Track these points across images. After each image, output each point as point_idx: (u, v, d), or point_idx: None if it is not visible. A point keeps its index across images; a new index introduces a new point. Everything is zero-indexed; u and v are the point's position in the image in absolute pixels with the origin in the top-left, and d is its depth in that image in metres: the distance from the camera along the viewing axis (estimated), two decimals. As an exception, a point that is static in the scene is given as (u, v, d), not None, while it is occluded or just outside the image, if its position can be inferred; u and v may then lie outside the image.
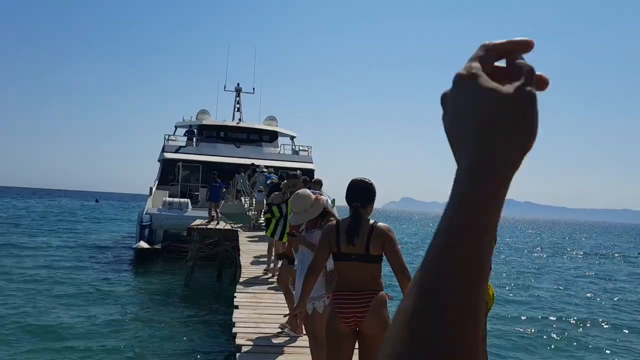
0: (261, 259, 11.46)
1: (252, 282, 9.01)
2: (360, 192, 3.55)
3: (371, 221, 3.49)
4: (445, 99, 0.59)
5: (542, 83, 0.58)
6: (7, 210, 50.86)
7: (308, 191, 4.92)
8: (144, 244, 20.08)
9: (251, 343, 5.62)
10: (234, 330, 6.12)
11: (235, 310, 7.02)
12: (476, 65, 0.58)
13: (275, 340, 5.77)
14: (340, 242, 3.43)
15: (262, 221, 15.50)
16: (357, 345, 3.58)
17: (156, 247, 20.57)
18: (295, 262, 6.55)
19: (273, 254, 9.79)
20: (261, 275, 9.59)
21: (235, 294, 7.92)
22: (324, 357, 3.75)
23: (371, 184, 3.61)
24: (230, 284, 14.53)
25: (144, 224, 20.61)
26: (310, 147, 28.47)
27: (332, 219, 4.03)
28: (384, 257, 3.45)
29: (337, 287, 3.52)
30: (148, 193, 23.75)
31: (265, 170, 20.28)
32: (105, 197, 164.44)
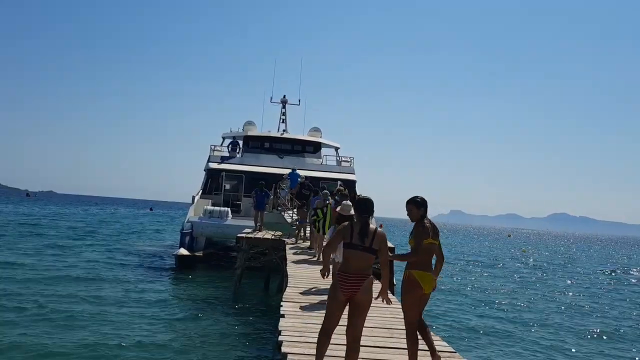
0: (307, 266, 11.49)
1: (299, 291, 8.97)
2: (368, 207, 5.08)
3: (373, 226, 5.01)
4: None
5: None
6: (64, 217, 52.70)
7: None
8: (184, 251, 20.62)
9: (297, 352, 5.59)
10: (280, 338, 6.09)
11: (281, 319, 7.00)
12: None
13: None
14: (353, 237, 4.91)
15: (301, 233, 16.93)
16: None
17: (197, 254, 21.01)
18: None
19: (317, 245, 13.00)
20: (308, 285, 9.58)
21: (282, 303, 7.90)
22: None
23: (372, 201, 5.20)
24: (277, 293, 14.59)
25: (185, 231, 21.18)
26: (353, 158, 28.39)
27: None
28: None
29: (342, 268, 4.94)
30: (191, 202, 24.36)
31: (294, 168, 21.02)
32: (160, 207, 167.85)
